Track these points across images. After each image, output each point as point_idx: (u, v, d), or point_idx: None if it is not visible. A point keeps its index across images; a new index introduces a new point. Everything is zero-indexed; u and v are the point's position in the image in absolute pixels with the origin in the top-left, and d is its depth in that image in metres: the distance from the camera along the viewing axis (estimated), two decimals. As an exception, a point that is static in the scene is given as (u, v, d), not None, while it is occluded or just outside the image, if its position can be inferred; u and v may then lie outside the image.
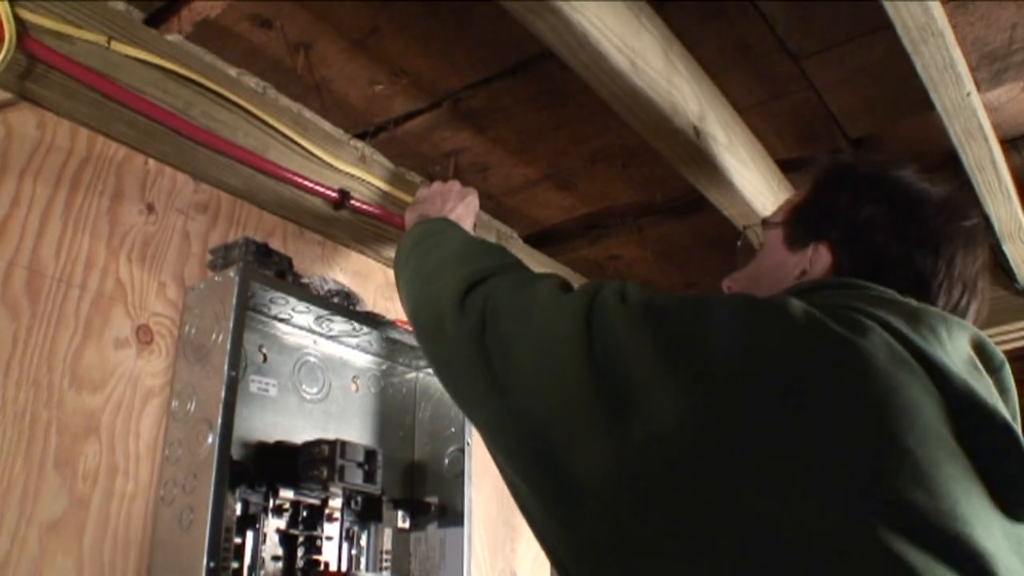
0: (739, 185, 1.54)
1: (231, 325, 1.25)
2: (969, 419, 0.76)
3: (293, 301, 1.39)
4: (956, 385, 0.77)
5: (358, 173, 1.64)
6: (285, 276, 1.37)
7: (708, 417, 0.74)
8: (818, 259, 1.00)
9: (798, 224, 1.05)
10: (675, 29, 1.39)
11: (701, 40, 1.42)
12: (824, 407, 0.73)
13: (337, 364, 1.59)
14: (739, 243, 1.22)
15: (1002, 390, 0.85)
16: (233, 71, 1.48)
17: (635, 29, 1.27)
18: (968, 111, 1.44)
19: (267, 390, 1.44)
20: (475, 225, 1.64)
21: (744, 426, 0.73)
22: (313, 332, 1.52)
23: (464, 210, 1.49)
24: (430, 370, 1.67)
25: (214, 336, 1.27)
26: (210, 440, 1.20)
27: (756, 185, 1.60)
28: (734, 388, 0.75)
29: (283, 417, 1.46)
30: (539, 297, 0.94)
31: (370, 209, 1.62)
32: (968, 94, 1.41)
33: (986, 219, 1.70)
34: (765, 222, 1.12)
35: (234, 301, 1.25)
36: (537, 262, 2.09)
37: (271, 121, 1.50)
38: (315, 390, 1.53)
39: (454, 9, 1.33)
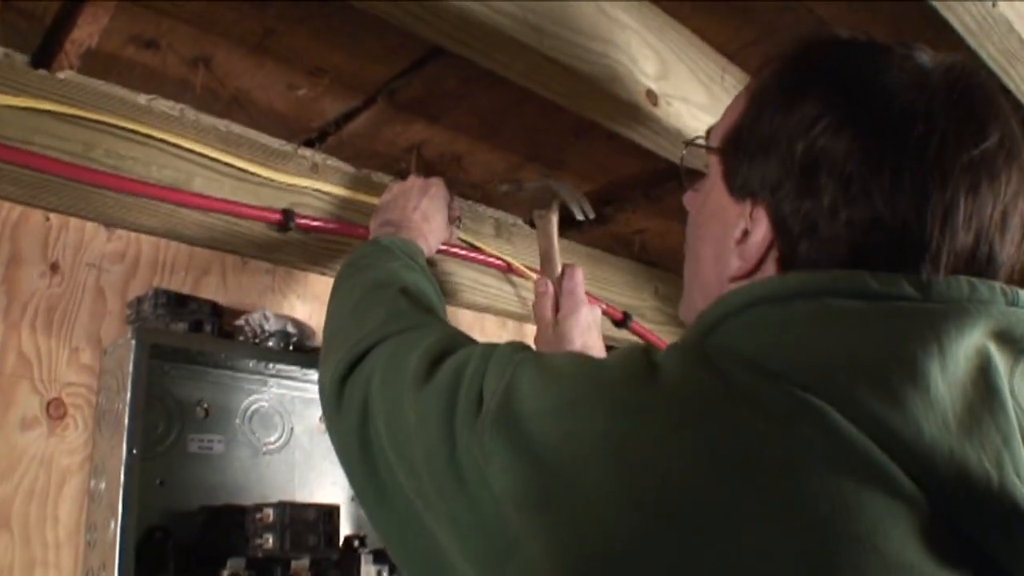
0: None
1: (128, 397, 1.14)
2: (967, 513, 0.59)
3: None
4: (939, 468, 0.59)
5: (311, 184, 1.49)
6: (202, 327, 1.24)
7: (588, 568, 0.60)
8: (756, 227, 0.77)
9: (735, 157, 0.81)
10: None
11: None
12: (726, 555, 0.57)
13: (298, 404, 1.47)
14: (680, 160, 0.98)
15: None
16: (143, 98, 1.36)
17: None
18: (1002, 26, 1.17)
19: (211, 447, 1.33)
20: (455, 215, 1.52)
21: None
22: (263, 374, 1.39)
23: (429, 204, 1.40)
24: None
25: (118, 407, 1.16)
26: (112, 526, 1.10)
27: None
28: (612, 535, 0.60)
29: (234, 475, 1.34)
30: (406, 384, 0.84)
31: (322, 225, 1.47)
32: (994, 4, 1.14)
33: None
34: (695, 143, 0.92)
35: (130, 370, 1.14)
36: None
37: (191, 146, 1.37)
38: (273, 438, 1.41)
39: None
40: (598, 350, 1.37)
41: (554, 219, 1.49)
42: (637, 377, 0.68)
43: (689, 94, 1.26)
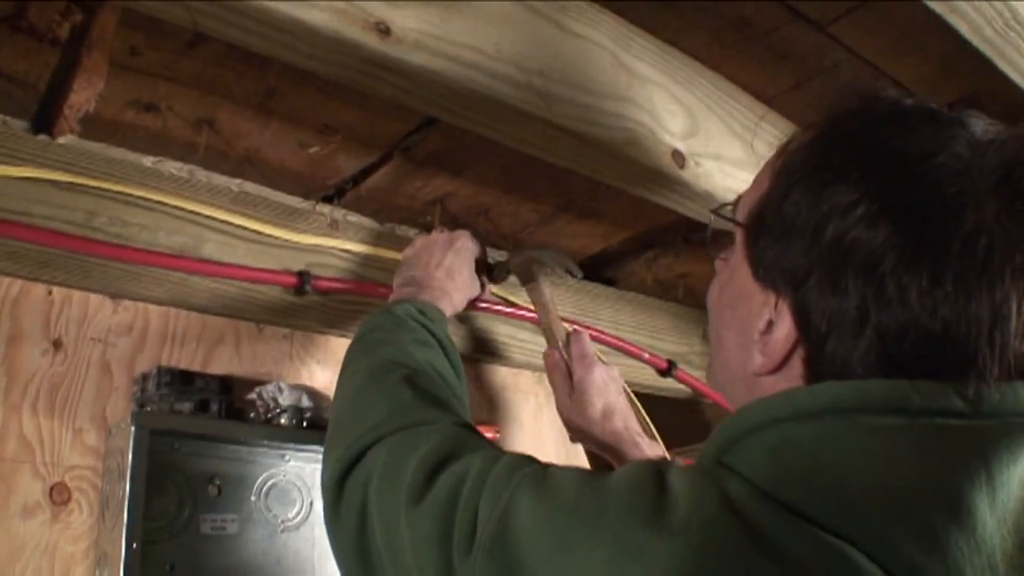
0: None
1: (127, 487, 1.07)
2: None
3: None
4: None
5: (329, 244, 1.43)
6: (208, 406, 1.18)
7: None
8: (780, 321, 0.69)
9: (759, 239, 0.73)
10: (642, 24, 1.08)
11: (681, 30, 1.10)
12: None
13: (318, 476, 1.38)
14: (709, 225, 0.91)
15: None
16: (148, 160, 1.31)
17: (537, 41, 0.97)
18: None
19: (224, 527, 1.26)
20: (487, 264, 1.46)
21: None
22: (280, 447, 1.33)
23: (455, 259, 1.34)
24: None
25: (119, 493, 1.10)
26: (110, 627, 1.04)
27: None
28: None
29: (249, 556, 1.28)
30: (402, 497, 0.79)
31: (341, 286, 1.40)
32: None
33: None
34: (720, 213, 0.83)
35: (130, 458, 1.08)
36: (593, 296, 1.81)
37: (201, 209, 1.31)
38: (291, 514, 1.34)
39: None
40: (620, 407, 1.34)
41: (544, 288, 1.46)
42: (644, 511, 0.61)
43: (723, 150, 1.16)
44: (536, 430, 1.68)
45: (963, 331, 0.60)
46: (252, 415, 1.25)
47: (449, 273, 1.32)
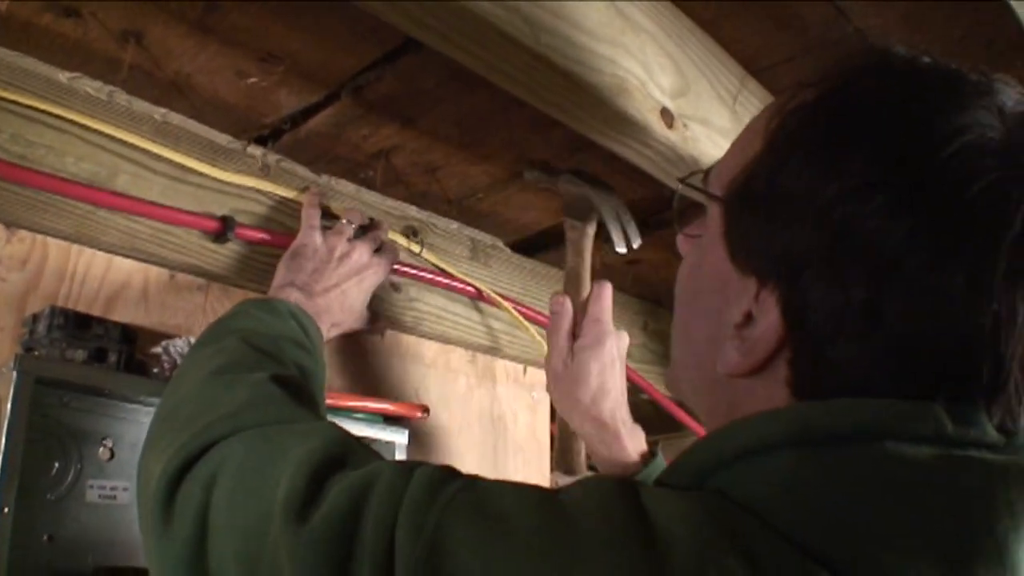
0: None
1: (3, 441, 0.94)
2: None
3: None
4: None
5: (259, 186, 1.29)
6: (106, 356, 1.04)
7: None
8: (763, 314, 0.60)
9: (741, 214, 0.64)
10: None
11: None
12: None
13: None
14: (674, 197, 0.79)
15: None
16: (64, 75, 1.16)
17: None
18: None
19: (114, 496, 1.12)
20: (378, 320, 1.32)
21: None
22: (186, 411, 1.19)
23: (356, 287, 1.21)
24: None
25: (-2, 447, 0.96)
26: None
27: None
28: None
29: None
30: (275, 510, 0.62)
31: (268, 237, 1.27)
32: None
33: None
34: (691, 184, 0.72)
35: (8, 409, 0.95)
36: (538, 276, 1.71)
37: (118, 134, 1.17)
38: (192, 487, 1.20)
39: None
40: (616, 390, 1.17)
41: (590, 233, 1.29)
42: (628, 545, 0.50)
43: (711, 115, 1.08)
44: (464, 413, 1.58)
45: (998, 350, 0.53)
46: (155, 371, 1.12)
47: (343, 299, 1.19)
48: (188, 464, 0.73)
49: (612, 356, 1.18)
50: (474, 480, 0.59)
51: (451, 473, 0.60)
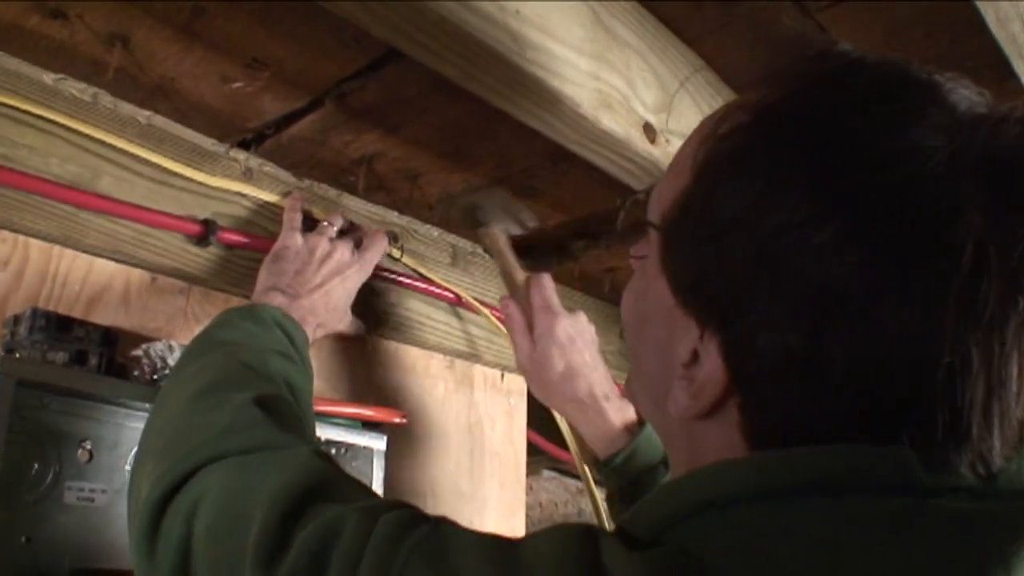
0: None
1: (-17, 443, 0.94)
2: None
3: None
4: None
5: (240, 192, 1.30)
6: (86, 358, 1.05)
7: None
8: (706, 356, 0.56)
9: (676, 246, 0.60)
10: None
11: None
12: None
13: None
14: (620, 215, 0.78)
15: None
16: (49, 76, 1.16)
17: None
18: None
19: (92, 499, 1.13)
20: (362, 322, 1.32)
21: None
22: (165, 414, 1.20)
23: (340, 286, 1.21)
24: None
25: (-24, 452, 0.97)
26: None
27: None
28: None
29: (119, 532, 1.14)
30: (247, 547, 0.62)
31: (250, 241, 1.28)
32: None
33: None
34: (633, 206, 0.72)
35: (-10, 408, 0.94)
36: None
37: (102, 136, 1.17)
38: (170, 490, 1.21)
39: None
40: (586, 366, 1.19)
41: (497, 232, 1.31)
42: None
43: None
44: (442, 420, 1.59)
45: (953, 396, 0.49)
46: (136, 373, 1.12)
47: (327, 299, 1.19)
48: (171, 492, 0.73)
49: (568, 336, 1.19)
50: (437, 526, 0.58)
51: (413, 518, 0.59)
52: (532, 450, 1.79)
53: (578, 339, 1.20)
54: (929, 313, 0.48)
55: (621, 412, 1.18)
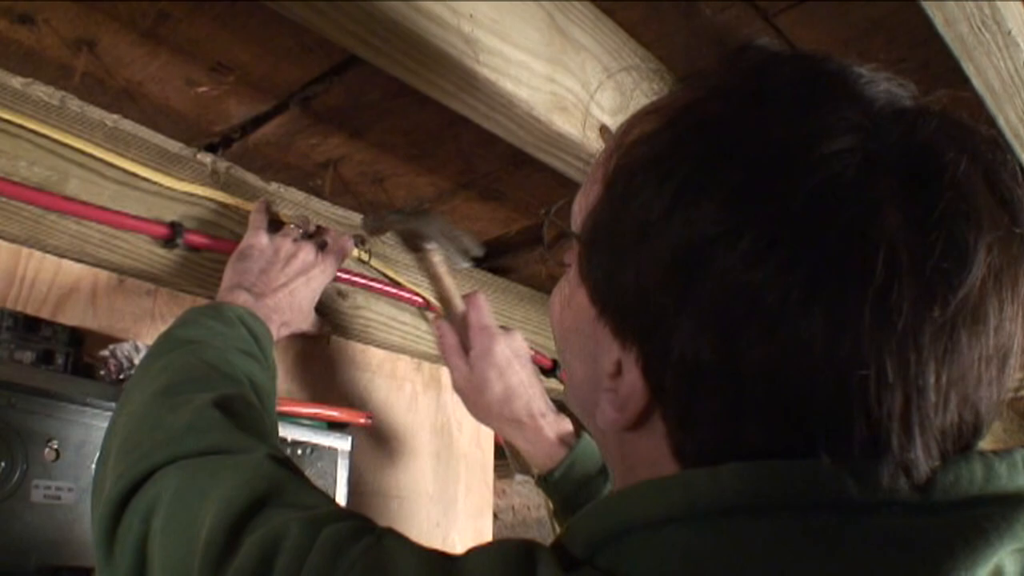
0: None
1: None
2: None
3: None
4: None
5: (208, 194, 1.32)
6: (53, 358, 1.07)
7: None
8: (627, 369, 0.56)
9: (592, 258, 0.59)
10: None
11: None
12: None
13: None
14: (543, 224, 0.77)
15: None
16: (17, 81, 1.18)
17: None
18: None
19: (58, 497, 1.14)
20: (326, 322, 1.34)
21: None
22: (132, 413, 1.22)
23: (304, 286, 1.21)
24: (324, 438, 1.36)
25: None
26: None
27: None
28: None
29: (85, 529, 1.16)
30: (197, 549, 0.63)
31: (216, 244, 1.30)
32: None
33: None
34: (552, 216, 0.70)
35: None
36: (485, 285, 1.75)
37: (70, 141, 1.19)
38: (137, 488, 1.23)
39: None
40: (523, 386, 1.19)
41: (433, 258, 1.29)
42: None
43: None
44: (409, 421, 1.61)
45: (868, 406, 0.48)
46: (102, 373, 1.14)
47: (291, 298, 1.20)
48: (129, 492, 0.74)
49: (506, 356, 1.19)
50: (380, 540, 0.58)
51: (355, 529, 0.59)
52: (500, 453, 1.81)
53: (515, 360, 1.20)
54: (842, 323, 0.47)
55: (558, 426, 1.20)
